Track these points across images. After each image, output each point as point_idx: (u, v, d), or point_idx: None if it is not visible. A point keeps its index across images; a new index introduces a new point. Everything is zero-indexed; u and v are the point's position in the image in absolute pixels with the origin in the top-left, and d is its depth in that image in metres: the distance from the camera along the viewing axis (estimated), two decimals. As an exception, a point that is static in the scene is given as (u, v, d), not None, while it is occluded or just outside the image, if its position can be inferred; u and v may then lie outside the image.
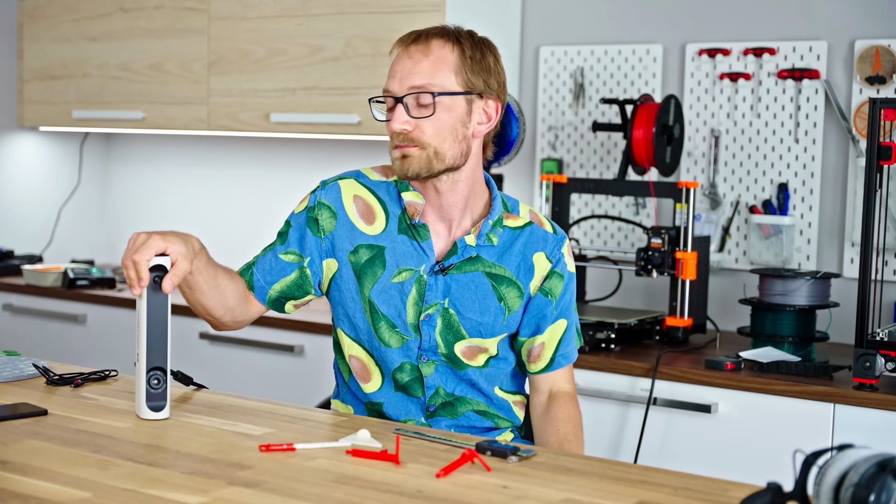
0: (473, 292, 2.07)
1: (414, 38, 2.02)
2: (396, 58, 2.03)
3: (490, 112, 2.06)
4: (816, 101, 3.25)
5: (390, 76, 2.02)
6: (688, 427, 2.81)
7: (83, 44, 4.21)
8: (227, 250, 4.36)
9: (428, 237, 2.07)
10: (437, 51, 2.00)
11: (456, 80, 2.01)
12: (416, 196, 2.07)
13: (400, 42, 2.04)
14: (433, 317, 2.06)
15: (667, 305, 3.32)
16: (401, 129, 1.99)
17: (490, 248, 2.08)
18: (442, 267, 2.06)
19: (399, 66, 2.02)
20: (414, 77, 1.99)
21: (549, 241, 2.12)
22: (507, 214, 2.12)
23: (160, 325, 1.92)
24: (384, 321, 2.07)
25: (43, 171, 4.54)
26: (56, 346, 3.96)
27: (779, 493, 1.40)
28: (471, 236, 2.06)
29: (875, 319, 2.63)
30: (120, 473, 1.61)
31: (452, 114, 2.01)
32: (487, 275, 2.07)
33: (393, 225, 2.08)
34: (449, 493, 1.56)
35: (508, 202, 2.14)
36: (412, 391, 2.09)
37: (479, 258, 2.08)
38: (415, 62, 2.00)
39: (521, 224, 2.12)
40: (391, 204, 2.10)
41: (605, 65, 3.57)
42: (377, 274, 2.07)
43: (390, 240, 2.08)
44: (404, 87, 1.99)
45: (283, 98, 3.74)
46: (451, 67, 2.00)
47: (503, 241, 2.10)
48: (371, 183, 2.12)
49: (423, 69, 1.99)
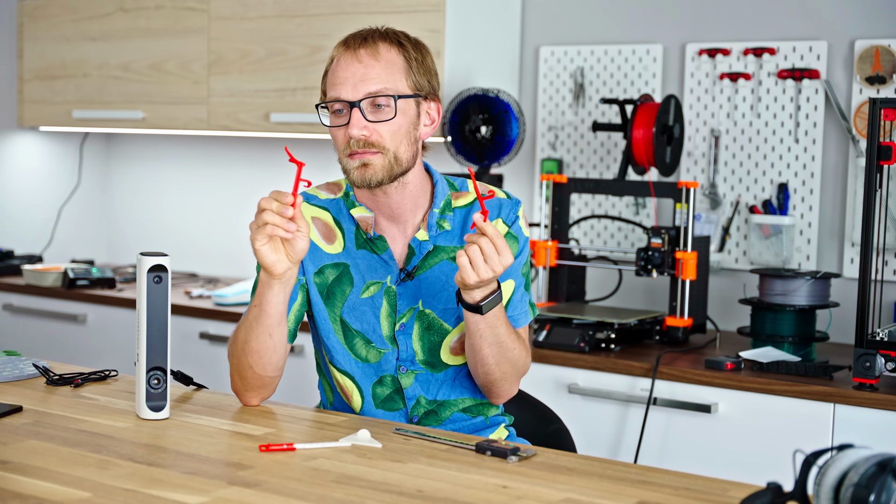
0: (444, 282, 2.06)
1: (360, 42, 1.98)
2: (341, 62, 1.99)
3: (433, 114, 2.06)
4: (816, 101, 3.25)
5: (339, 82, 1.98)
6: (688, 427, 2.81)
7: (83, 44, 4.21)
8: (227, 250, 4.36)
9: (386, 248, 2.06)
10: (385, 54, 1.98)
11: (406, 82, 2.00)
12: (364, 210, 2.06)
13: (344, 46, 2.00)
14: (408, 325, 2.05)
15: (667, 305, 3.32)
16: (360, 135, 1.96)
17: (446, 234, 2.07)
18: (407, 273, 2.05)
19: (348, 70, 1.97)
20: (369, 82, 1.96)
21: (503, 206, 2.10)
22: (456, 194, 2.11)
23: (160, 325, 1.92)
24: (359, 337, 2.06)
25: (43, 171, 4.54)
26: (56, 346, 3.95)
27: (779, 493, 1.40)
28: (421, 232, 2.06)
29: (875, 319, 2.63)
30: (120, 473, 1.61)
31: (406, 117, 2.00)
32: (452, 259, 2.06)
33: (350, 242, 2.07)
34: (449, 493, 1.56)
35: (455, 181, 2.13)
36: (394, 404, 2.08)
37: (438, 248, 2.07)
38: (366, 67, 1.97)
39: (472, 198, 2.10)
40: (344, 221, 2.09)
41: (605, 65, 3.57)
42: (346, 292, 2.06)
43: (351, 257, 2.07)
44: (359, 92, 1.96)
45: (283, 98, 3.74)
46: (401, 70, 1.99)
47: (457, 223, 2.08)
48: (322, 202, 2.10)
49: (377, 73, 1.97)
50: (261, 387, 2.03)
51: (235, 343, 2.01)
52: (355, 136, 1.96)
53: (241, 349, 1.99)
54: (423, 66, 2.03)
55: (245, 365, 2.00)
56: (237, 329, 2.02)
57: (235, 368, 2.02)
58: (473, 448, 1.78)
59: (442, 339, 2.07)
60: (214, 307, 3.65)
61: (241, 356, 1.99)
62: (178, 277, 4.24)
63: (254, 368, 1.99)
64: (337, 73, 1.99)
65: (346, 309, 2.06)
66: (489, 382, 2.05)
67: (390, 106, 1.97)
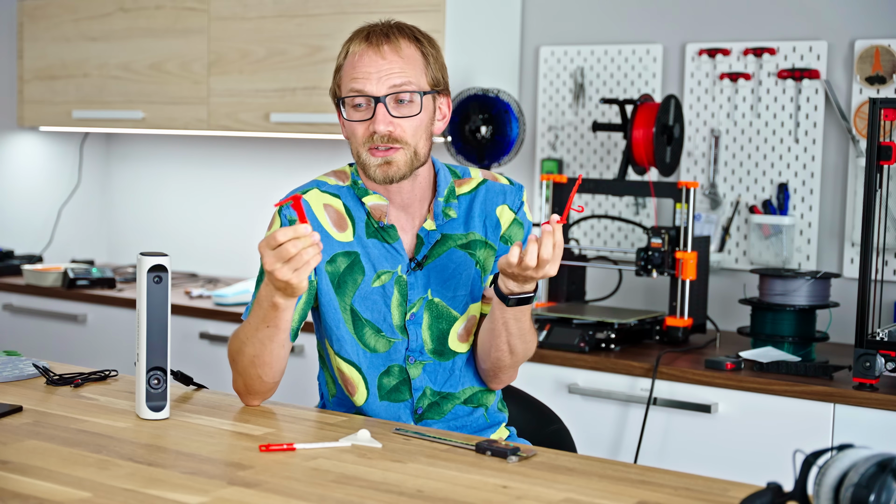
0: (453, 270, 2.07)
1: (383, 38, 1.98)
2: (363, 57, 1.98)
3: (444, 109, 2.08)
4: (816, 101, 3.25)
5: (361, 76, 1.98)
6: (688, 427, 2.81)
7: (83, 44, 4.21)
8: (227, 250, 4.36)
9: (397, 237, 2.06)
10: (407, 50, 1.99)
11: (425, 78, 2.01)
12: (379, 198, 2.06)
13: (363, 41, 2.00)
14: (418, 314, 2.06)
15: (667, 305, 3.32)
16: (385, 131, 1.96)
17: (452, 221, 2.08)
18: (417, 262, 2.06)
19: (371, 65, 1.97)
20: (393, 77, 1.97)
21: (508, 193, 2.12)
22: (459, 181, 2.12)
23: (160, 325, 1.92)
24: (368, 327, 2.06)
25: (43, 171, 4.54)
26: (56, 346, 3.95)
27: (779, 493, 1.40)
28: (429, 221, 2.07)
29: (875, 319, 2.63)
30: (120, 473, 1.61)
31: (427, 112, 2.02)
32: (460, 247, 2.08)
33: (361, 230, 2.07)
34: (449, 493, 1.56)
35: (458, 169, 2.14)
36: (400, 395, 2.08)
37: (446, 236, 2.08)
38: (390, 62, 1.97)
39: (475, 185, 2.12)
40: (355, 209, 2.08)
41: (605, 65, 3.57)
42: (357, 280, 2.05)
43: (362, 245, 2.06)
44: (384, 86, 1.97)
45: (283, 98, 3.74)
46: (421, 66, 2.01)
47: (463, 210, 2.10)
48: (333, 189, 2.10)
49: (400, 69, 1.97)
50: (267, 391, 2.04)
51: (242, 356, 1.98)
52: (381, 131, 1.96)
53: (249, 362, 1.98)
54: (438, 61, 2.04)
55: (253, 376, 1.99)
56: (242, 343, 1.98)
57: (242, 378, 2.01)
58: (473, 448, 1.78)
59: (450, 326, 2.07)
60: (214, 307, 3.65)
61: (248, 368, 1.99)
62: (178, 277, 4.24)
63: (263, 378, 1.99)
64: (358, 68, 1.99)
65: (357, 298, 2.06)
66: (497, 368, 2.07)
67: (414, 101, 1.98)
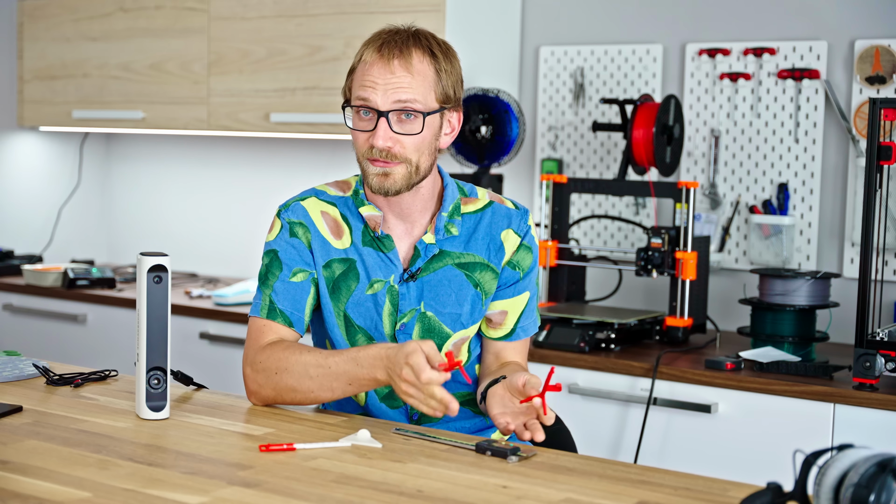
0: (447, 287, 2.06)
1: (395, 52, 1.96)
2: (373, 68, 1.97)
3: (454, 123, 2.07)
4: (816, 101, 3.25)
5: (368, 85, 1.96)
6: (688, 427, 2.81)
7: (83, 44, 4.21)
8: (227, 250, 4.36)
9: (393, 247, 2.06)
10: (418, 65, 1.97)
11: (434, 95, 1.99)
12: (373, 209, 2.06)
13: (376, 51, 1.97)
14: (409, 325, 2.06)
15: (667, 305, 3.32)
16: (384, 146, 1.96)
17: (453, 239, 2.08)
18: (410, 274, 2.05)
19: (379, 77, 1.96)
20: (399, 92, 1.95)
21: (513, 217, 2.12)
22: (465, 199, 2.12)
23: (160, 325, 1.92)
24: (361, 333, 2.07)
25: (43, 171, 4.54)
26: (56, 346, 3.96)
27: (779, 493, 1.40)
28: (428, 235, 2.06)
29: (875, 319, 2.63)
30: (120, 473, 1.61)
31: (431, 130, 2.00)
32: (457, 265, 2.07)
33: (357, 238, 2.07)
34: (449, 493, 1.56)
35: (465, 187, 2.14)
36: (394, 402, 2.09)
37: (444, 252, 2.07)
38: (398, 77, 1.96)
39: (482, 206, 2.11)
40: (353, 218, 2.09)
41: (605, 65, 3.57)
42: (352, 287, 2.06)
43: (358, 253, 2.07)
44: (389, 100, 1.95)
45: (283, 98, 3.74)
46: (431, 83, 1.98)
47: (466, 229, 2.09)
48: (331, 198, 2.10)
49: (408, 84, 1.96)
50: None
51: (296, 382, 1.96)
52: (380, 146, 1.96)
53: (302, 395, 1.97)
54: (452, 75, 2.02)
55: (289, 400, 2.00)
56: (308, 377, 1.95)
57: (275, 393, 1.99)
58: (473, 448, 1.78)
59: (442, 342, 2.08)
60: (214, 307, 3.65)
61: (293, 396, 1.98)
62: (178, 277, 4.24)
63: (295, 402, 2.01)
64: (367, 77, 1.97)
65: (351, 304, 2.06)
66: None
67: (418, 119, 1.97)
